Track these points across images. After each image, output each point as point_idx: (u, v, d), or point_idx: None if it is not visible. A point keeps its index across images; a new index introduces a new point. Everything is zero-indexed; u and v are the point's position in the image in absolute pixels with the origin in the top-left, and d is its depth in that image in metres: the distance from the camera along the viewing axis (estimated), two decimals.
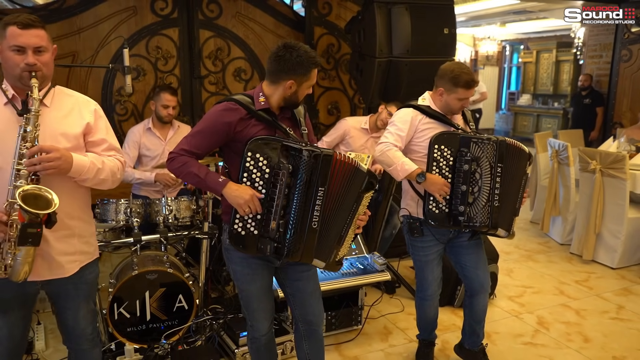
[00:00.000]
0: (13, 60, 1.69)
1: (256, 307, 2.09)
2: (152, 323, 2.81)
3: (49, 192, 1.63)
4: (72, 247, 1.83)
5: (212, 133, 1.92)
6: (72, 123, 1.82)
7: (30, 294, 1.84)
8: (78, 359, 2.02)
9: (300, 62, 1.91)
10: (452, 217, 2.33)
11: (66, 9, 4.29)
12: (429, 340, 2.75)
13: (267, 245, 1.88)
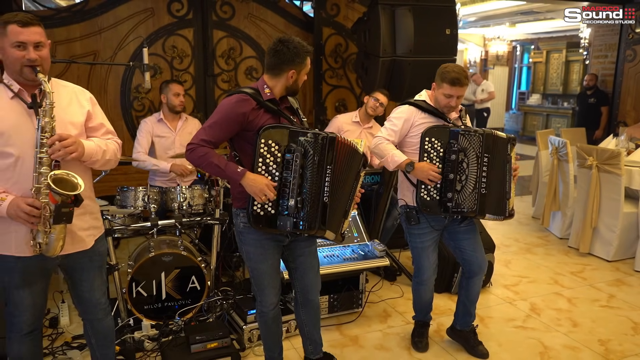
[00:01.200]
0: (14, 56, 1.83)
1: (267, 284, 2.30)
2: (167, 302, 3.04)
3: (74, 176, 1.85)
4: (86, 222, 2.05)
5: (228, 123, 2.11)
6: (75, 112, 2.01)
7: (50, 268, 2.05)
8: (94, 329, 2.23)
9: (297, 53, 2.14)
10: (442, 204, 2.52)
11: (88, 11, 4.55)
12: (424, 322, 2.94)
13: (287, 221, 2.09)
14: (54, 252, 1.84)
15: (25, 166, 1.86)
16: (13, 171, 1.87)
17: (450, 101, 2.55)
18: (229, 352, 2.66)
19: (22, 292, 1.97)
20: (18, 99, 1.89)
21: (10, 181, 1.87)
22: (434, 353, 2.85)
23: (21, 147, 1.86)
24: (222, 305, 3.07)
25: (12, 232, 1.89)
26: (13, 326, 2.01)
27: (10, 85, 1.89)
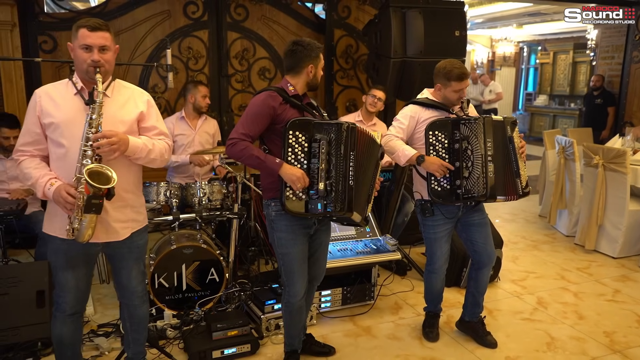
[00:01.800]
0: (82, 56, 2.02)
1: (296, 270, 2.43)
2: (187, 293, 3.17)
3: (109, 170, 1.98)
4: (125, 215, 2.18)
5: (261, 117, 2.28)
6: (128, 111, 2.16)
7: (92, 254, 2.20)
8: (129, 313, 2.37)
9: (311, 49, 2.36)
10: (453, 192, 2.64)
11: (107, 13, 4.70)
12: (434, 312, 3.05)
13: (318, 204, 2.25)
14: (82, 239, 1.97)
15: (72, 157, 2.01)
16: (63, 160, 2.03)
17: (461, 94, 2.70)
18: (249, 339, 2.78)
19: (66, 273, 2.11)
20: (79, 96, 2.05)
21: (61, 169, 2.04)
22: (444, 343, 2.97)
23: (71, 140, 2.01)
24: (240, 296, 3.19)
25: (59, 215, 2.04)
26: (58, 306, 2.16)
27: (76, 83, 2.07)
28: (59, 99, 2.06)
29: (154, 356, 2.68)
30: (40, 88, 2.12)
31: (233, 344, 2.74)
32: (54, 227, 2.09)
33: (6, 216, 3.09)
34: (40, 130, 2.06)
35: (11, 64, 4.33)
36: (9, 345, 2.68)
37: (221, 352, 2.70)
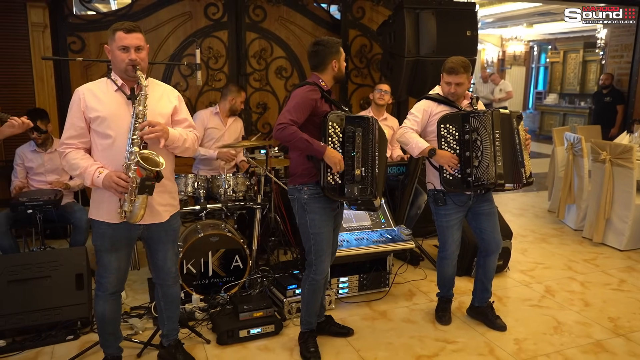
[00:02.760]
0: (120, 57, 2.22)
1: (326, 249, 2.64)
2: (213, 278, 3.37)
3: (157, 156, 2.19)
4: (165, 200, 2.39)
5: (305, 107, 2.49)
6: (164, 105, 2.37)
7: (133, 237, 2.40)
8: (164, 293, 2.57)
9: (331, 45, 2.59)
10: (464, 180, 2.82)
11: (132, 14, 4.91)
12: (447, 297, 3.22)
13: (354, 188, 2.49)
14: (135, 219, 2.18)
15: (119, 147, 2.21)
16: (110, 150, 2.23)
17: (450, 88, 2.88)
18: (273, 320, 2.98)
19: (110, 255, 2.31)
20: (120, 92, 2.25)
21: (107, 159, 2.23)
22: (456, 326, 3.14)
23: (118, 131, 2.22)
24: (262, 282, 3.39)
25: (105, 201, 2.24)
26: (101, 286, 2.36)
27: (116, 80, 2.27)
28: (102, 95, 2.26)
29: (185, 335, 2.87)
30: (82, 86, 2.31)
31: (258, 324, 2.93)
32: (100, 213, 2.29)
33: (45, 205, 3.31)
34: (85, 125, 2.26)
35: (42, 63, 4.55)
36: (52, 324, 2.90)
37: (247, 332, 2.90)
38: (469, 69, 2.91)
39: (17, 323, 2.84)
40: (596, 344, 2.93)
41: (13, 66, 4.50)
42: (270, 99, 5.44)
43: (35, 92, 4.59)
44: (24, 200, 3.29)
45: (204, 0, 5.07)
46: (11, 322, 2.83)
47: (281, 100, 5.46)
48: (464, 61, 2.87)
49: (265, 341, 2.91)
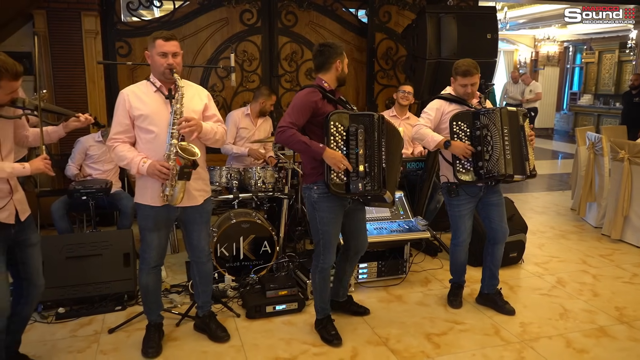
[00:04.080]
0: (159, 61, 2.56)
1: (333, 243, 2.86)
2: (244, 261, 3.70)
3: (193, 147, 2.53)
4: (199, 185, 2.73)
5: (305, 109, 2.69)
6: (196, 103, 2.70)
7: (172, 218, 2.74)
8: (198, 269, 2.91)
9: (336, 47, 2.78)
10: (476, 173, 3.05)
11: (174, 21, 5.33)
12: (459, 283, 3.46)
13: (359, 184, 2.64)
14: (176, 202, 2.53)
15: (160, 140, 2.56)
16: (152, 143, 2.58)
17: (466, 89, 3.11)
18: (296, 299, 3.29)
19: (152, 234, 2.67)
20: (159, 92, 2.60)
21: (150, 150, 2.58)
22: (466, 309, 3.37)
23: (159, 126, 2.57)
24: (288, 266, 3.70)
25: (149, 187, 2.60)
26: (144, 260, 2.72)
27: (154, 82, 2.62)
28: (143, 96, 2.61)
29: (218, 309, 3.21)
30: (126, 88, 2.66)
31: (283, 302, 3.25)
32: (145, 197, 2.65)
33: (97, 193, 3.72)
34: (129, 122, 2.60)
35: (94, 66, 5.01)
36: (103, 296, 3.29)
37: (273, 308, 3.22)
38: (479, 69, 3.14)
39: (73, 294, 3.25)
40: (599, 329, 3.11)
41: (68, 69, 4.97)
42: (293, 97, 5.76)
43: (87, 93, 5.05)
44: (79, 188, 3.71)
45: (240, 7, 5.44)
46: (69, 292, 3.24)
47: None
48: (474, 62, 3.11)
49: (289, 317, 3.22)
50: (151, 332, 2.81)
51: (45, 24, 4.83)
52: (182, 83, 2.56)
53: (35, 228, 2.50)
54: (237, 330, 3.04)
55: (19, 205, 2.34)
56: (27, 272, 2.45)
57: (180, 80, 2.56)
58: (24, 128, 2.51)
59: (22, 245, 2.40)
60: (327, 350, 2.84)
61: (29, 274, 2.46)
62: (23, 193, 2.42)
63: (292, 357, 2.77)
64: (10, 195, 2.29)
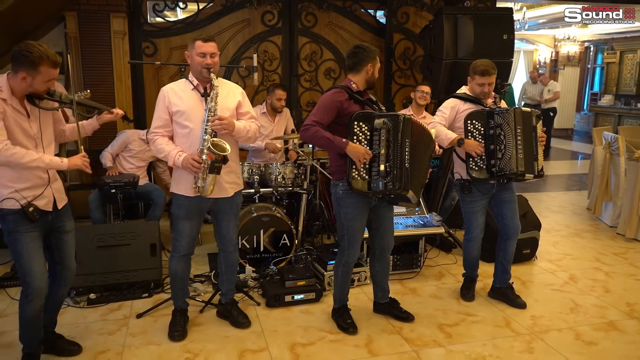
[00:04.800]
0: (198, 61, 2.73)
1: (357, 239, 2.96)
2: (264, 253, 3.86)
3: (224, 143, 2.69)
4: (231, 178, 2.89)
5: (330, 109, 2.78)
6: (230, 101, 2.87)
7: (204, 208, 2.91)
8: (225, 258, 3.07)
9: (370, 51, 2.87)
10: (488, 171, 3.15)
11: (198, 22, 5.51)
12: (472, 277, 3.56)
13: (379, 183, 2.72)
14: (207, 193, 2.70)
15: (194, 135, 2.73)
16: (187, 137, 2.75)
17: (483, 88, 3.20)
18: (314, 289, 3.43)
19: (184, 223, 2.84)
20: (196, 91, 2.77)
21: (185, 144, 2.76)
22: (478, 302, 3.47)
23: (194, 122, 2.73)
24: (307, 258, 3.84)
25: (183, 178, 2.78)
26: (175, 248, 2.89)
27: (192, 80, 2.79)
28: (181, 93, 2.79)
29: (239, 298, 3.37)
30: (166, 86, 2.85)
31: (301, 291, 3.39)
32: (179, 187, 2.83)
33: (125, 186, 3.91)
34: (168, 117, 2.79)
35: (122, 65, 5.22)
36: (131, 283, 3.48)
37: (292, 297, 3.37)
38: (496, 69, 3.24)
39: (104, 281, 3.44)
40: (608, 324, 3.19)
41: (97, 68, 5.19)
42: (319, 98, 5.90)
43: (115, 91, 5.26)
44: (109, 182, 3.91)
45: (261, 8, 5.60)
46: (99, 279, 3.43)
47: None
48: (492, 63, 3.21)
49: (307, 306, 3.36)
50: (177, 317, 2.98)
51: (76, 25, 5.06)
52: (217, 82, 2.71)
53: (71, 216, 2.68)
54: (258, 318, 3.20)
55: (57, 194, 2.52)
56: (61, 256, 2.63)
57: (216, 79, 2.71)
58: (61, 122, 2.68)
59: (58, 231, 2.59)
60: (343, 337, 2.98)
61: (63, 258, 2.64)
62: (61, 183, 2.60)
63: (309, 342, 2.91)
64: (48, 184, 2.47)
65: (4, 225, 2.37)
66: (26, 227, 2.36)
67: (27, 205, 2.34)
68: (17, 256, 2.39)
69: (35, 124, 2.42)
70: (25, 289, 2.42)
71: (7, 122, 2.27)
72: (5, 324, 3.09)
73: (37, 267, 2.40)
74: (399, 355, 2.79)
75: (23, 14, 4.39)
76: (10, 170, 2.33)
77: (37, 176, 2.41)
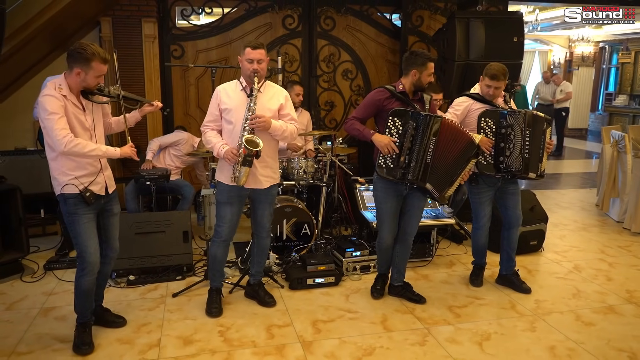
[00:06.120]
0: (246, 66, 3.02)
1: (384, 221, 3.31)
2: (286, 242, 4.16)
3: (258, 139, 2.98)
4: (267, 172, 3.19)
5: (369, 106, 3.21)
6: (273, 102, 3.16)
7: (243, 196, 3.21)
8: (257, 242, 3.38)
9: (417, 58, 3.16)
10: (496, 166, 3.41)
11: (223, 26, 5.83)
12: (480, 265, 3.82)
13: (398, 171, 3.07)
14: (240, 183, 3.01)
15: (236, 131, 3.04)
16: (231, 132, 3.07)
17: (489, 91, 3.44)
18: (334, 274, 3.72)
19: (226, 208, 3.16)
20: (243, 91, 3.08)
21: (229, 138, 3.08)
22: (486, 288, 3.73)
23: (237, 119, 3.05)
24: (326, 247, 4.14)
25: (225, 168, 3.10)
26: (217, 233, 3.21)
27: (242, 82, 3.11)
28: (231, 93, 3.11)
29: (265, 282, 3.66)
30: (220, 86, 3.18)
31: (322, 276, 3.68)
32: (222, 175, 3.16)
33: (159, 179, 4.25)
34: (218, 113, 3.12)
35: (151, 67, 5.56)
36: (165, 267, 3.80)
37: (313, 280, 3.66)
38: (507, 76, 3.48)
39: (141, 264, 3.77)
40: (608, 308, 3.43)
41: (129, 70, 5.53)
42: (337, 97, 6.20)
43: (145, 91, 5.60)
44: (144, 174, 4.25)
45: (282, 12, 5.90)
46: (137, 263, 3.76)
47: (346, 99, 6.20)
48: (504, 69, 3.43)
49: (327, 289, 3.65)
50: (214, 295, 3.30)
51: (110, 30, 5.41)
52: (257, 85, 2.98)
53: (118, 201, 3.01)
54: (282, 298, 3.50)
55: (108, 180, 2.85)
56: (107, 236, 2.95)
57: (257, 83, 2.99)
58: (108, 116, 3.01)
59: (107, 213, 2.91)
60: (360, 315, 3.26)
61: (109, 238, 2.96)
62: (111, 171, 2.93)
63: (330, 319, 3.20)
64: (101, 172, 2.79)
65: (65, 208, 2.70)
66: (83, 209, 2.69)
67: (84, 191, 2.67)
68: (75, 235, 2.72)
69: (90, 117, 2.74)
70: (81, 263, 2.75)
71: (67, 116, 2.60)
72: (56, 300, 3.43)
73: (92, 244, 2.73)
74: (412, 331, 3.07)
75: (63, 21, 4.76)
76: (70, 160, 2.65)
77: (91, 165, 2.73)
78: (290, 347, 2.86)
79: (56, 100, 2.56)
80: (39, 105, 2.57)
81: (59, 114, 2.55)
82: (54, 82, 2.63)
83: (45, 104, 2.54)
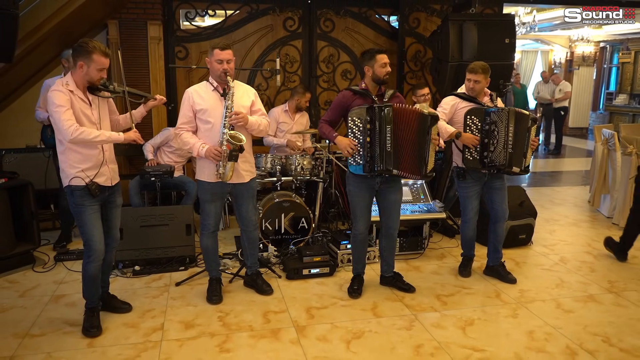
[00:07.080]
0: (216, 67, 3.21)
1: (359, 214, 3.48)
2: (284, 235, 4.35)
3: (240, 135, 3.18)
4: (246, 167, 3.39)
5: (336, 107, 3.40)
6: (245, 100, 3.36)
7: (225, 192, 3.40)
8: (247, 236, 3.57)
9: (366, 54, 3.36)
10: (481, 161, 3.59)
11: (225, 28, 6.03)
12: (469, 257, 4.00)
13: (366, 166, 3.23)
14: (227, 179, 3.20)
15: (215, 129, 3.23)
16: (210, 131, 3.25)
17: (469, 84, 3.64)
18: (328, 264, 3.91)
19: (210, 205, 3.36)
20: (216, 91, 3.27)
21: (208, 137, 3.26)
22: (474, 278, 3.91)
23: (215, 118, 3.24)
24: (322, 240, 4.33)
25: (206, 167, 3.29)
26: (204, 227, 3.40)
27: (212, 83, 3.29)
28: (203, 94, 3.29)
29: (263, 272, 3.86)
30: (190, 88, 3.35)
31: (317, 266, 3.88)
32: (203, 174, 3.33)
33: (163, 175, 4.46)
34: (192, 114, 3.28)
35: (157, 68, 5.78)
36: (169, 258, 4.01)
37: (309, 271, 3.86)
38: (487, 72, 3.66)
39: (146, 255, 3.98)
40: (588, 297, 3.60)
41: (135, 71, 5.74)
42: None
43: (151, 91, 5.81)
44: (149, 170, 4.46)
45: (283, 15, 6.10)
46: (142, 254, 3.98)
47: None
48: (483, 65, 3.64)
49: (322, 279, 3.85)
50: (213, 284, 3.50)
51: (117, 32, 5.63)
52: (232, 84, 3.20)
53: (121, 193, 3.21)
54: (279, 288, 3.69)
55: (112, 173, 3.07)
56: (109, 226, 3.15)
57: (232, 82, 3.21)
58: (115, 113, 3.22)
59: (110, 204, 3.12)
60: (352, 303, 3.46)
61: (110, 228, 3.16)
62: (117, 164, 3.14)
63: (323, 306, 3.40)
64: (105, 164, 2.98)
65: (72, 200, 2.91)
66: (89, 201, 2.90)
67: (90, 184, 2.87)
68: (81, 225, 2.93)
69: (96, 111, 2.96)
70: (87, 251, 2.95)
71: (74, 110, 2.81)
72: (66, 288, 3.65)
73: (98, 233, 2.94)
74: (400, 317, 3.26)
75: (72, 25, 4.98)
76: (76, 153, 2.86)
77: (96, 157, 2.94)
78: (285, 331, 3.06)
79: (63, 95, 2.77)
80: (48, 100, 2.79)
81: (65, 106, 2.76)
82: (61, 80, 2.85)
83: (53, 98, 2.76)
